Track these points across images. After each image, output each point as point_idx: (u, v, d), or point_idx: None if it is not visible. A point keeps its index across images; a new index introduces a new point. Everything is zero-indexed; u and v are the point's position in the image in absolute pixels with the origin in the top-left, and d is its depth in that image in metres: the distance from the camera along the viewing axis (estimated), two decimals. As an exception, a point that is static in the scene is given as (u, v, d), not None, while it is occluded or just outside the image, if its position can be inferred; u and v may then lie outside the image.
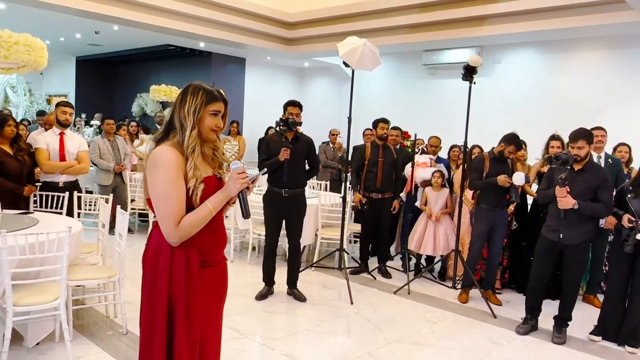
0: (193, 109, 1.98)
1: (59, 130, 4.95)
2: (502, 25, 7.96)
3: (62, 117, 4.96)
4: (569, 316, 4.13)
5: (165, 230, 1.92)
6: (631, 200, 3.99)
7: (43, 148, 4.81)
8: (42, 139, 4.84)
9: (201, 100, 2.00)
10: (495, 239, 4.94)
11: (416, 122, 9.36)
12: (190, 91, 2.01)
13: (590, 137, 3.99)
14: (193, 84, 2.05)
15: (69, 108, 5.02)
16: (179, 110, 2.01)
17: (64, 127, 4.99)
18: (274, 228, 4.68)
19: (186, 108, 1.99)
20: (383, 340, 3.91)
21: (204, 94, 2.01)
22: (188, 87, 2.04)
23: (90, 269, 3.83)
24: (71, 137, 5.05)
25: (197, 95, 2.00)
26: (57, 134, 4.92)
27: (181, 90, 2.05)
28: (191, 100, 1.99)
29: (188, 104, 1.99)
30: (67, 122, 5.00)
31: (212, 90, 2.05)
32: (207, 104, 2.01)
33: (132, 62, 13.09)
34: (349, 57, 4.86)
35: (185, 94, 2.02)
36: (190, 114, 1.98)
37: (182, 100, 2.01)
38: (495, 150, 5.00)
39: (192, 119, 1.98)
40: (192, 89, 2.02)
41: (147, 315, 1.99)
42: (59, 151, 4.89)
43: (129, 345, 3.57)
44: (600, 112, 8.00)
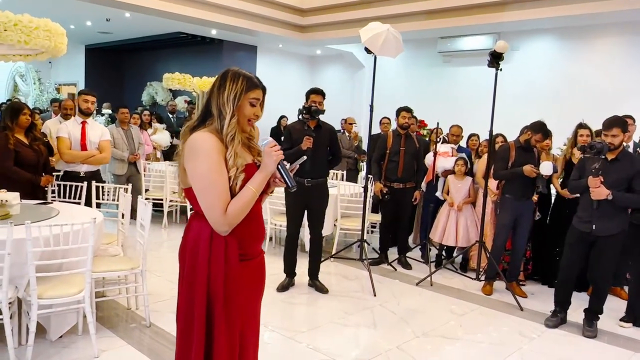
0: (233, 96, 1.89)
1: (81, 119, 4.89)
2: (520, 11, 7.79)
3: (84, 105, 4.90)
4: (601, 309, 4.04)
5: (213, 218, 1.83)
6: None
7: (65, 137, 4.75)
8: (64, 128, 4.79)
9: (241, 87, 1.90)
10: (521, 230, 4.83)
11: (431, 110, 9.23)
12: (230, 77, 1.91)
13: (625, 125, 3.86)
14: (232, 70, 1.95)
15: (91, 96, 4.95)
16: (217, 96, 1.91)
17: (86, 116, 4.92)
18: (296, 218, 4.59)
19: (225, 95, 1.89)
20: (411, 333, 3.82)
21: (244, 81, 1.91)
22: (227, 72, 1.94)
23: (112, 260, 3.76)
24: (93, 126, 4.99)
25: (237, 81, 1.90)
26: (79, 123, 4.86)
27: (219, 76, 1.95)
28: (231, 87, 1.89)
29: (227, 91, 1.89)
30: (88, 110, 4.93)
31: (252, 76, 1.95)
32: (247, 91, 1.91)
33: (142, 51, 12.98)
34: (371, 43, 4.72)
35: (225, 79, 1.91)
36: (230, 101, 1.88)
37: (221, 86, 1.91)
38: (521, 138, 4.88)
39: (231, 107, 1.88)
40: (232, 75, 1.92)
41: (185, 311, 1.91)
42: (80, 140, 4.83)
43: (153, 337, 3.51)
44: (623, 100, 7.81)
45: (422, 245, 6.00)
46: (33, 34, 3.06)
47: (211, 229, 1.87)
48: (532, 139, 4.74)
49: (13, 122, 4.34)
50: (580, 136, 5.04)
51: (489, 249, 4.98)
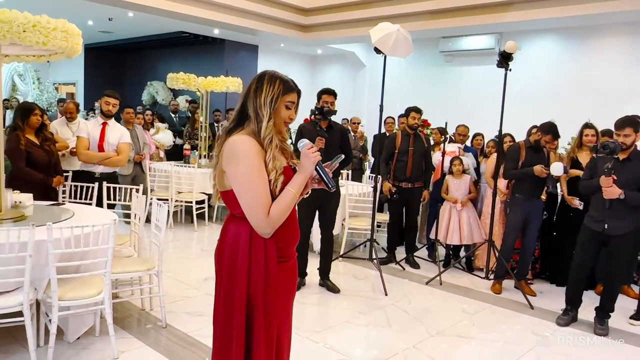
0: (270, 99, 1.90)
1: (102, 120, 4.90)
2: (523, 11, 7.81)
3: (105, 107, 4.92)
4: (612, 307, 4.07)
5: (256, 221, 1.84)
6: None
7: (84, 137, 4.76)
8: (84, 128, 4.83)
9: (278, 90, 1.91)
10: (530, 229, 4.86)
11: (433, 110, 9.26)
12: (267, 80, 1.92)
13: (637, 125, 3.88)
14: (269, 72, 1.96)
15: (113, 99, 4.95)
16: (254, 99, 1.92)
17: (108, 118, 4.92)
18: (308, 219, 4.60)
19: (262, 97, 1.90)
20: (425, 333, 3.84)
21: (281, 84, 1.92)
22: (264, 75, 1.95)
23: (128, 261, 3.76)
24: (114, 127, 4.99)
25: (274, 84, 1.91)
26: (100, 124, 4.87)
27: (256, 78, 1.96)
28: (268, 90, 1.90)
29: (265, 93, 1.90)
30: (109, 112, 4.94)
31: (288, 80, 1.96)
32: (284, 94, 1.92)
33: (143, 50, 12.92)
34: (381, 44, 4.73)
35: (262, 82, 1.92)
36: (267, 104, 1.89)
37: (258, 89, 1.92)
38: (530, 139, 4.91)
39: (268, 110, 1.89)
40: (269, 78, 1.93)
41: (224, 312, 1.92)
42: (99, 141, 4.85)
43: (169, 338, 3.52)
44: (627, 100, 7.86)
45: (430, 245, 6.02)
46: (51, 35, 3.04)
47: (250, 231, 1.88)
48: (542, 140, 4.77)
49: (24, 123, 4.34)
50: (585, 136, 5.08)
51: (498, 248, 5.01)
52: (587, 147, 5.05)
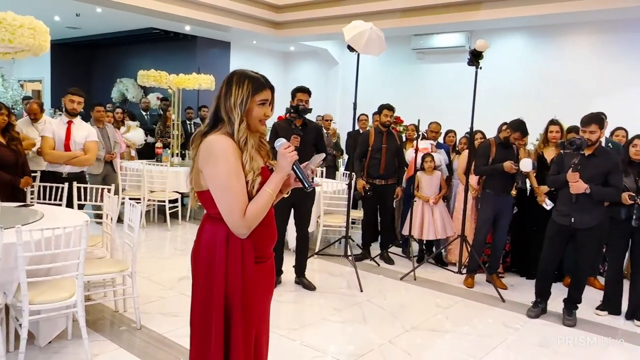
0: (240, 101, 1.88)
1: (67, 119, 4.77)
2: (492, 10, 7.95)
3: (70, 105, 4.79)
4: (579, 299, 4.20)
5: (232, 222, 1.84)
6: (625, 180, 4.11)
7: (49, 136, 4.63)
8: (49, 127, 4.69)
9: (247, 91, 1.89)
10: (501, 223, 4.98)
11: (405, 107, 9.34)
12: (235, 81, 1.90)
13: (602, 122, 4.03)
14: (237, 73, 1.94)
15: (78, 97, 4.83)
16: (224, 102, 1.90)
17: (73, 116, 4.80)
18: (283, 217, 4.59)
19: (232, 100, 1.88)
20: (400, 328, 3.90)
21: (250, 84, 1.90)
22: (232, 76, 1.93)
23: (100, 262, 3.70)
24: (80, 126, 4.87)
25: (243, 85, 1.89)
26: (64, 123, 4.75)
27: (225, 80, 1.94)
28: (237, 92, 1.88)
29: (234, 96, 1.88)
30: (74, 111, 4.81)
31: (257, 77, 1.93)
32: (254, 94, 1.90)
33: (112, 46, 12.65)
34: (355, 42, 4.76)
35: (230, 84, 1.90)
36: (237, 106, 1.88)
37: (227, 92, 1.90)
38: (500, 135, 5.01)
39: (239, 112, 1.88)
40: (237, 79, 1.90)
41: (201, 313, 1.91)
42: (64, 141, 4.72)
43: (144, 340, 3.48)
44: (593, 97, 8.09)
45: (404, 241, 6.10)
46: (17, 32, 2.96)
47: (227, 232, 1.87)
48: (511, 137, 4.88)
49: (-11, 122, 4.21)
50: (550, 132, 5.22)
51: (470, 243, 5.10)
52: (553, 144, 5.19)
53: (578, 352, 3.65)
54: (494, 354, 3.55)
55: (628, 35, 8.20)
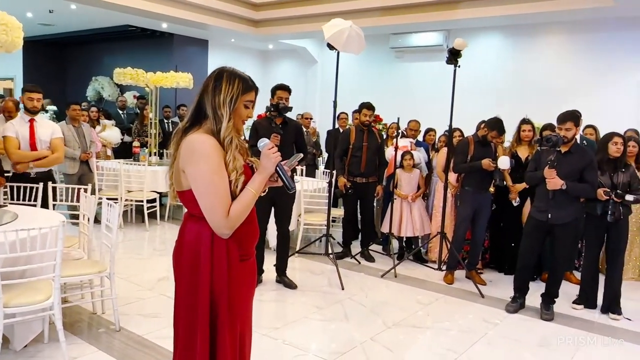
0: (230, 99, 1.86)
1: (28, 117, 4.63)
2: (469, 9, 8.04)
3: (29, 104, 4.63)
4: (557, 293, 4.28)
5: (215, 221, 1.81)
6: (600, 177, 4.20)
7: (11, 136, 4.48)
8: (11, 127, 4.51)
9: (238, 90, 1.87)
10: (480, 220, 5.03)
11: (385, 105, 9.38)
12: (226, 78, 1.88)
13: (578, 119, 4.10)
14: (227, 70, 1.91)
15: (36, 93, 4.67)
16: (212, 98, 1.87)
17: (34, 114, 4.67)
18: (264, 215, 4.57)
19: (222, 97, 1.86)
20: (382, 325, 3.91)
21: (241, 83, 1.89)
22: (222, 73, 1.90)
23: (77, 264, 3.63)
24: (43, 124, 4.73)
25: (234, 83, 1.87)
26: (26, 121, 4.60)
27: (213, 76, 1.91)
28: (227, 89, 1.86)
29: (224, 93, 1.86)
30: (35, 109, 4.67)
31: (247, 78, 1.93)
32: (243, 93, 1.89)
33: (87, 44, 12.39)
34: (335, 40, 4.76)
35: (220, 80, 1.88)
36: (227, 103, 1.86)
37: (217, 88, 1.87)
38: (479, 133, 5.07)
39: (228, 110, 1.86)
40: (228, 76, 1.88)
41: (186, 314, 1.88)
42: (29, 140, 4.58)
43: (124, 342, 3.42)
44: (566, 96, 8.26)
45: (384, 238, 6.12)
46: (-11, 28, 2.88)
47: (211, 231, 1.85)
48: (488, 135, 4.94)
49: (-41, 121, 4.08)
50: (523, 131, 5.31)
51: (450, 240, 5.15)
52: (526, 142, 5.28)
53: (557, 345, 3.71)
54: (474, 348, 3.59)
55: (597, 35, 8.40)
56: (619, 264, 4.34)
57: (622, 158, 4.27)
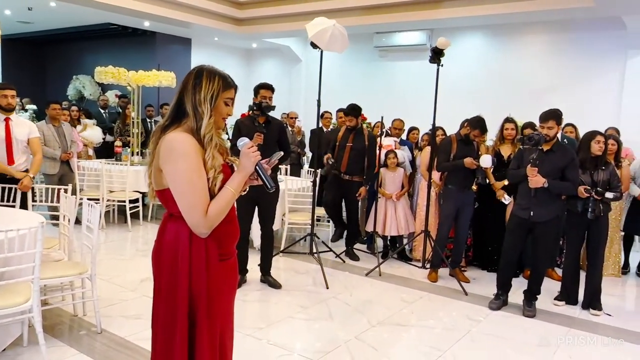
0: (210, 96, 1.85)
1: (3, 116, 4.54)
2: (452, 9, 8.10)
3: (4, 101, 4.53)
4: (539, 290, 4.32)
5: (193, 221, 1.80)
6: (580, 175, 4.26)
7: None
8: None
9: (218, 87, 1.87)
10: (463, 218, 5.07)
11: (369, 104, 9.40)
12: (206, 75, 1.87)
13: (560, 118, 4.14)
14: (206, 68, 1.91)
15: (9, 90, 4.58)
16: (192, 95, 1.86)
17: (9, 112, 4.57)
18: (247, 215, 4.54)
19: (202, 94, 1.85)
20: (367, 323, 3.92)
21: (221, 80, 1.88)
22: (201, 70, 1.89)
23: (57, 265, 3.57)
24: (19, 122, 4.64)
25: (214, 80, 1.87)
26: (1, 120, 4.51)
27: (193, 74, 1.90)
28: (207, 86, 1.85)
29: (205, 90, 1.85)
30: (9, 106, 4.57)
31: (226, 76, 1.93)
32: (223, 90, 1.88)
33: (68, 42, 12.22)
34: (318, 39, 4.75)
35: (200, 78, 1.87)
36: (207, 100, 1.85)
37: (197, 85, 1.86)
38: (461, 132, 5.11)
39: (208, 107, 1.85)
40: (208, 73, 1.88)
41: (165, 315, 1.86)
42: (5, 139, 4.49)
43: (105, 344, 3.37)
44: (547, 94, 8.37)
45: (369, 237, 6.14)
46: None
47: (190, 230, 1.84)
48: (470, 134, 4.97)
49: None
50: (505, 129, 5.36)
51: (433, 238, 5.18)
52: (509, 141, 5.34)
53: (539, 341, 3.75)
54: (458, 345, 3.61)
55: (577, 34, 8.53)
56: (599, 260, 4.41)
57: (603, 156, 4.33)
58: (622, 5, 6.92)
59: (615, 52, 8.28)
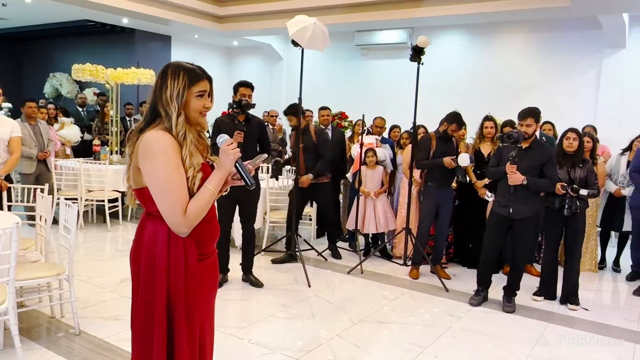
0: (176, 94, 1.81)
1: None
2: (432, 7, 8.16)
3: None
4: (518, 286, 4.38)
5: (173, 220, 1.77)
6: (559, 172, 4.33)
7: None
8: None
9: (183, 83, 1.82)
10: (443, 215, 5.11)
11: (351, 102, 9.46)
12: (170, 73, 1.83)
13: (538, 116, 4.20)
14: (172, 65, 1.87)
15: None
16: (159, 96, 1.83)
17: None
18: (228, 213, 4.52)
19: (168, 93, 1.81)
20: (349, 321, 3.93)
21: (185, 75, 1.83)
22: (166, 68, 1.86)
23: (34, 266, 3.50)
24: (2, 121, 4.55)
25: (178, 77, 1.83)
26: None
27: (159, 73, 1.87)
28: (172, 84, 1.82)
29: (169, 89, 1.82)
30: None
31: (193, 68, 1.87)
32: (190, 85, 1.84)
33: (44, 39, 11.98)
34: (299, 37, 4.73)
35: (165, 77, 1.84)
36: (174, 99, 1.81)
37: (162, 85, 1.83)
38: (440, 129, 5.14)
39: (176, 105, 1.81)
40: (172, 71, 1.84)
41: (143, 316, 1.83)
42: None
43: (84, 345, 3.32)
44: (526, 92, 8.49)
45: (350, 235, 6.15)
46: None
47: (168, 230, 1.81)
48: (448, 129, 5.00)
49: None
50: (485, 128, 5.42)
51: (415, 236, 5.21)
52: (488, 139, 5.39)
53: (518, 336, 3.80)
54: (439, 342, 3.64)
55: (555, 34, 8.67)
56: (576, 256, 4.48)
57: (579, 153, 4.40)
58: (597, 5, 7.04)
59: (592, 51, 8.43)
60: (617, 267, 5.69)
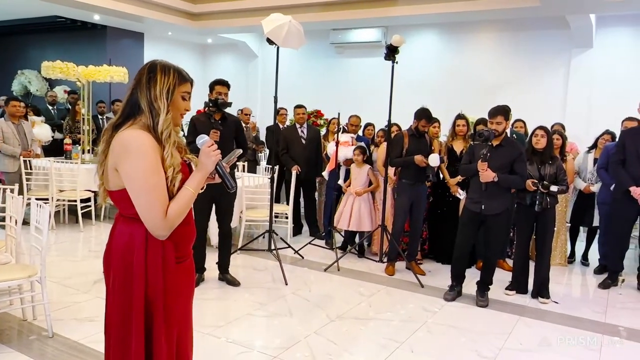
0: (167, 90, 1.80)
1: None
2: (406, 6, 8.24)
3: None
4: (490, 280, 4.48)
5: (152, 222, 1.73)
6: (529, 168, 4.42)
7: None
8: None
9: (174, 80, 1.82)
10: (417, 212, 5.18)
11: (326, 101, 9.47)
12: (160, 69, 1.82)
13: (508, 114, 4.29)
14: (160, 62, 1.86)
15: None
16: (147, 91, 1.80)
17: None
18: (204, 213, 4.49)
19: (158, 89, 1.79)
20: (326, 318, 3.95)
21: (176, 74, 1.83)
22: (154, 65, 1.84)
23: (4, 268, 3.42)
24: None
25: (169, 74, 1.82)
26: None
27: (146, 69, 1.84)
28: (163, 80, 1.80)
29: (160, 84, 1.79)
30: None
31: (181, 69, 1.88)
32: (179, 84, 1.83)
33: (10, 35, 11.65)
34: (274, 35, 4.73)
35: (154, 72, 1.81)
36: (163, 95, 1.79)
37: (151, 80, 1.80)
38: (412, 126, 5.20)
39: (165, 102, 1.79)
40: (162, 67, 1.82)
41: (119, 320, 1.80)
42: None
43: (57, 348, 3.27)
44: (498, 91, 8.65)
45: (327, 232, 6.18)
46: None
47: (145, 233, 1.78)
48: (418, 125, 5.07)
49: None
50: (457, 126, 5.52)
51: (390, 232, 5.27)
52: (461, 137, 5.49)
53: (492, 330, 3.89)
54: (415, 337, 3.70)
55: (525, 33, 8.86)
56: (547, 250, 4.60)
57: (548, 150, 4.51)
58: (565, 5, 7.22)
59: (560, 51, 8.64)
60: (586, 261, 5.85)
